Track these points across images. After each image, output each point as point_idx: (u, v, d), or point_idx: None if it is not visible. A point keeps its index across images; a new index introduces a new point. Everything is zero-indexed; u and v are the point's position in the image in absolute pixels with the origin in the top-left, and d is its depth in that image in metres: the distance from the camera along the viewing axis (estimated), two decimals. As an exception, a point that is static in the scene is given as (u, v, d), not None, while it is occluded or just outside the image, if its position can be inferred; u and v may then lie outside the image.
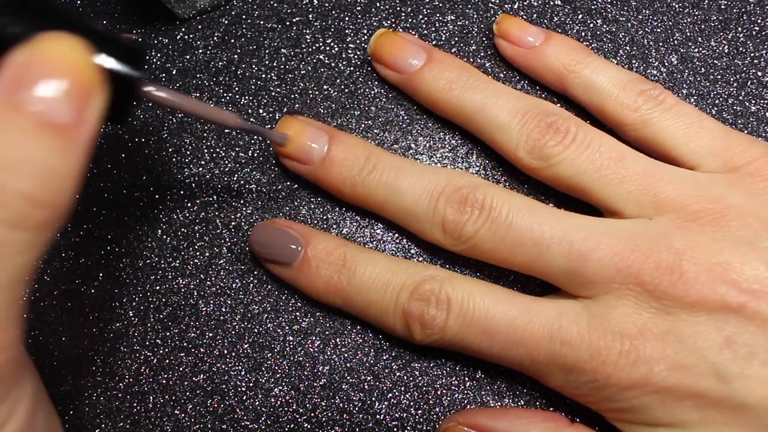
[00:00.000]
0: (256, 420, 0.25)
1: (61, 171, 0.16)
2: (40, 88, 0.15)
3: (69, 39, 0.16)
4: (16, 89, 0.15)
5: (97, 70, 0.16)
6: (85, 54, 0.16)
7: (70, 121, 0.16)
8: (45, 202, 0.15)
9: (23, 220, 0.15)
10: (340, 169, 0.25)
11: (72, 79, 0.16)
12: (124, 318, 0.26)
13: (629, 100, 0.25)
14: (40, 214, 0.15)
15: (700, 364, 0.20)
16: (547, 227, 0.22)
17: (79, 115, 0.16)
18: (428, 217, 0.24)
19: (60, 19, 0.17)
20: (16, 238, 0.15)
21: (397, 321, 0.23)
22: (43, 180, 0.15)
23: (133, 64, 0.18)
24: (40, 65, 0.15)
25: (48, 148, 0.15)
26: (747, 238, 0.21)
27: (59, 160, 0.15)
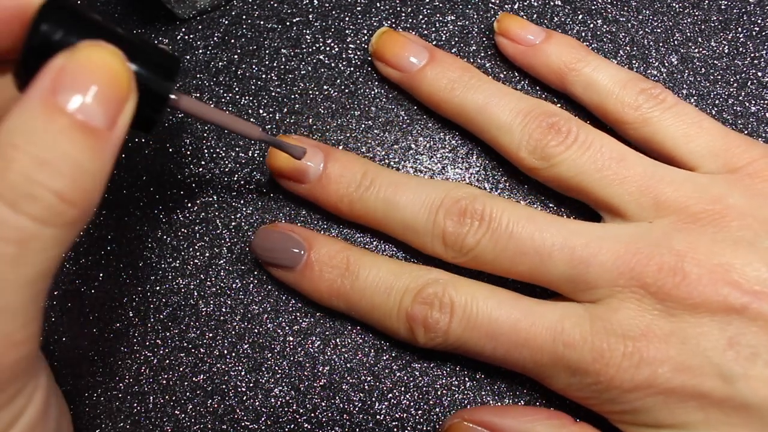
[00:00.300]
0: (256, 420, 0.25)
1: (92, 171, 0.16)
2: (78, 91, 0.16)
3: (107, 47, 0.17)
4: (56, 91, 0.16)
5: (132, 78, 0.17)
6: (121, 62, 0.17)
7: (103, 125, 0.16)
8: (75, 201, 0.16)
9: (54, 216, 0.15)
10: (337, 187, 0.25)
11: (108, 85, 0.16)
12: (124, 318, 0.26)
13: (630, 98, 0.25)
14: (69, 212, 0.16)
15: (704, 365, 0.20)
16: (548, 235, 0.22)
17: (112, 119, 0.16)
18: (428, 230, 0.23)
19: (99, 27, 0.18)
20: (46, 234, 0.15)
21: (400, 324, 0.23)
22: (75, 179, 0.16)
23: (165, 74, 0.19)
24: (80, 70, 0.16)
25: (81, 149, 0.16)
26: (747, 239, 0.21)
27: (91, 161, 0.16)
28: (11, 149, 0.15)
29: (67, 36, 0.17)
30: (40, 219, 0.15)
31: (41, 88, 0.16)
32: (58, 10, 0.17)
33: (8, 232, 0.15)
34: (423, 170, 0.27)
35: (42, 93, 0.16)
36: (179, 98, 0.20)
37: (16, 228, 0.15)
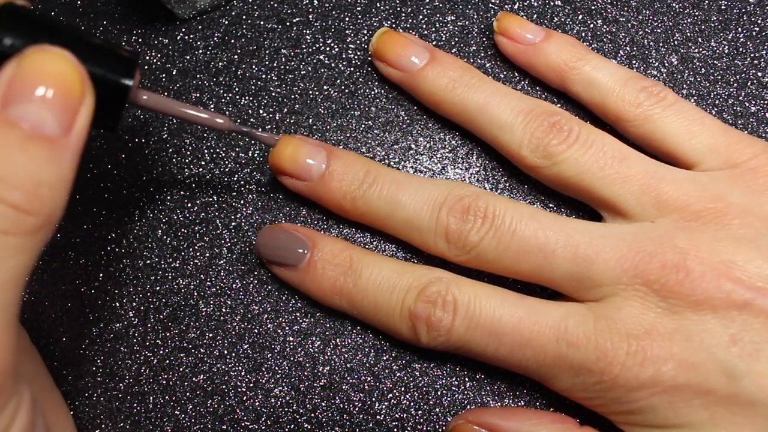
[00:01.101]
0: (256, 420, 0.25)
1: (50, 180, 0.16)
2: (28, 101, 0.16)
3: (55, 51, 0.16)
4: (6, 104, 0.16)
5: (84, 80, 0.17)
6: (71, 65, 0.17)
7: (58, 132, 0.16)
8: (34, 210, 0.16)
9: (12, 226, 0.15)
10: (339, 185, 0.25)
11: (59, 91, 0.16)
12: (124, 318, 0.26)
13: (631, 96, 0.25)
14: (29, 220, 0.16)
15: (708, 362, 0.20)
16: (551, 233, 0.22)
17: (67, 125, 0.16)
18: (431, 228, 0.23)
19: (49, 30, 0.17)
20: (8, 243, 0.16)
21: (403, 323, 0.23)
22: (31, 190, 0.16)
23: (122, 72, 0.19)
24: (28, 79, 0.16)
25: (37, 160, 0.16)
26: (749, 236, 0.21)
27: (48, 170, 0.16)
28: None
29: (18, 42, 0.16)
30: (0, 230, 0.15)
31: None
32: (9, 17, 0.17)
33: None
34: (423, 170, 0.27)
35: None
36: (139, 94, 0.20)
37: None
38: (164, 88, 0.28)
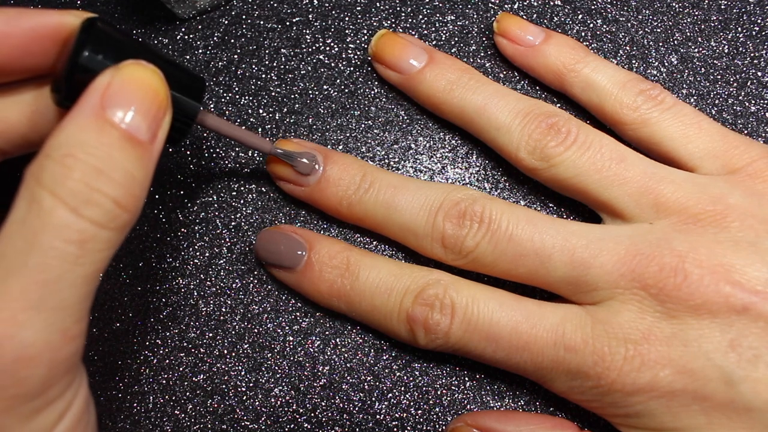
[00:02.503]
0: (256, 420, 0.25)
1: (140, 179, 0.18)
2: (125, 106, 0.17)
3: (149, 66, 0.18)
4: (105, 106, 0.17)
5: (169, 95, 0.19)
6: (161, 80, 0.18)
7: (147, 137, 0.18)
8: (128, 206, 0.17)
9: (110, 220, 0.17)
10: (336, 189, 0.25)
11: (150, 101, 0.18)
12: (124, 318, 0.26)
13: (629, 99, 0.25)
14: (123, 216, 0.17)
15: (706, 368, 0.20)
16: (548, 237, 0.22)
17: (153, 132, 0.18)
18: (427, 233, 0.23)
19: (138, 48, 0.19)
20: (102, 236, 0.17)
21: (401, 326, 0.23)
22: (127, 186, 0.17)
23: (194, 94, 0.21)
24: (125, 87, 0.17)
25: (131, 159, 0.17)
26: (748, 240, 0.21)
27: (139, 170, 0.18)
28: (70, 159, 0.16)
29: (109, 56, 0.18)
30: (98, 222, 0.17)
31: (91, 104, 0.17)
32: (100, 31, 0.18)
33: (70, 234, 0.16)
34: (423, 170, 0.27)
35: (92, 108, 0.17)
36: (205, 116, 0.22)
37: (77, 230, 0.16)
38: (164, 88, 0.28)
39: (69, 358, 0.17)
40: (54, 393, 0.17)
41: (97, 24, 0.18)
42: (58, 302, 0.16)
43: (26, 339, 0.16)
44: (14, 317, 0.16)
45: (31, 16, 0.19)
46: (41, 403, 0.17)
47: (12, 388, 0.16)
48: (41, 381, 0.16)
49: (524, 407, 0.25)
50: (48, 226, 0.16)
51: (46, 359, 0.16)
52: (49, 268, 0.16)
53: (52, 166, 0.16)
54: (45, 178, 0.16)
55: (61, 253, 0.16)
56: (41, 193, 0.16)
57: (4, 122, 0.21)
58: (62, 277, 0.16)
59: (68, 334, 0.17)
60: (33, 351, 0.16)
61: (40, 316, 0.16)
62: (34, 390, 0.16)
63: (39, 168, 0.16)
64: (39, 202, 0.16)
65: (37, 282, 0.16)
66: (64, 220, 0.16)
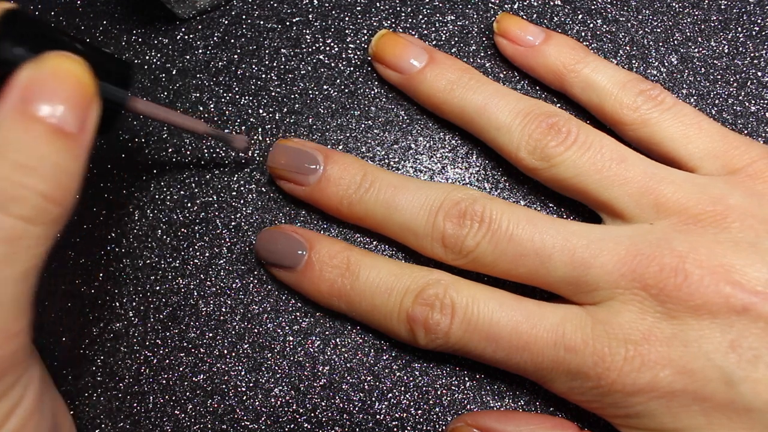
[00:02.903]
0: (256, 420, 0.25)
1: (70, 171, 0.18)
2: (49, 99, 0.17)
3: (71, 56, 0.18)
4: (28, 101, 0.17)
5: (95, 84, 0.18)
6: (85, 70, 0.18)
7: (75, 128, 0.18)
8: (58, 200, 0.17)
9: (40, 215, 0.17)
10: (336, 189, 0.25)
11: (76, 92, 0.18)
12: (124, 318, 0.26)
13: (629, 99, 0.25)
14: (54, 210, 0.17)
15: (706, 368, 0.20)
16: (548, 237, 0.22)
17: (81, 123, 0.18)
18: (427, 232, 0.23)
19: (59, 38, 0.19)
20: (33, 232, 0.17)
21: (401, 326, 0.23)
22: (56, 180, 0.17)
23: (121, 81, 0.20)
24: (48, 79, 0.17)
25: (59, 152, 0.17)
26: (748, 240, 0.21)
27: (69, 162, 0.17)
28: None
29: (30, 48, 0.18)
30: (28, 218, 0.16)
31: (13, 99, 0.17)
32: (18, 23, 0.18)
33: None
34: (423, 170, 0.27)
35: (15, 103, 0.17)
36: (135, 102, 0.22)
37: (5, 228, 0.16)
38: (164, 88, 0.28)
39: (12, 355, 0.17)
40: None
41: (14, 15, 0.18)
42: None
43: None
44: None
45: None
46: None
47: None
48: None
49: (524, 407, 0.25)
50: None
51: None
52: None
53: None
54: None
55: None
56: None
57: None
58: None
59: (9, 332, 0.17)
60: None
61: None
62: None
63: None
64: None
65: None
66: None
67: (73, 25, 0.29)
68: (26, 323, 0.18)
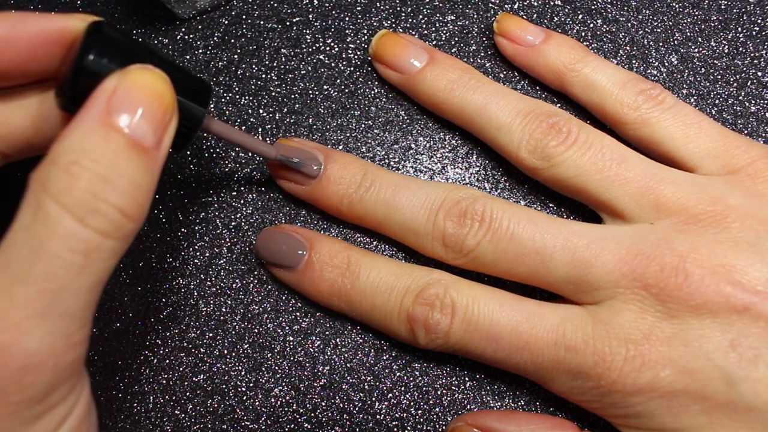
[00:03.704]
0: (256, 420, 0.25)
1: (145, 188, 0.17)
2: (130, 112, 0.17)
3: (155, 71, 0.18)
4: (111, 111, 0.17)
5: (175, 100, 0.18)
6: (167, 85, 0.18)
7: (152, 144, 0.17)
8: (133, 215, 0.17)
9: (116, 230, 0.17)
10: (337, 188, 0.25)
11: (157, 107, 0.17)
12: (124, 318, 0.26)
13: (629, 99, 0.25)
14: (128, 225, 0.17)
15: (707, 368, 0.20)
16: (549, 236, 0.22)
17: (159, 138, 0.18)
18: (428, 231, 0.23)
19: (144, 52, 0.19)
20: (107, 246, 0.17)
21: (401, 326, 0.23)
22: (133, 195, 0.17)
23: (200, 99, 0.20)
24: (132, 92, 0.17)
25: (136, 167, 0.17)
26: (749, 240, 0.21)
27: (144, 178, 0.17)
28: (75, 167, 0.16)
29: (115, 60, 0.18)
30: (104, 232, 0.16)
31: (97, 109, 0.17)
32: (105, 35, 0.18)
33: (76, 243, 0.16)
34: (423, 170, 0.27)
35: (98, 113, 0.17)
36: (210, 122, 0.22)
37: (82, 240, 0.16)
38: (164, 88, 0.28)
39: (72, 364, 0.17)
40: (56, 397, 0.17)
41: (102, 28, 0.18)
42: (62, 310, 0.16)
43: (31, 346, 0.16)
44: (19, 325, 0.16)
45: (35, 21, 0.19)
46: (44, 408, 0.17)
47: (16, 394, 0.16)
48: (45, 387, 0.16)
49: (524, 407, 0.25)
50: (54, 235, 0.16)
51: (50, 366, 0.16)
52: (54, 277, 0.16)
53: (58, 173, 0.16)
54: (51, 185, 0.16)
55: (66, 262, 0.16)
56: (47, 201, 0.16)
57: (8, 126, 0.20)
58: (67, 286, 0.16)
59: (72, 341, 0.17)
60: (37, 358, 0.16)
61: (45, 323, 0.16)
62: (37, 395, 0.16)
63: (45, 175, 0.16)
64: (45, 211, 0.16)
65: (42, 290, 0.16)
66: (69, 229, 0.16)
67: (73, 25, 0.29)
68: (88, 334, 0.18)
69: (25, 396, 0.16)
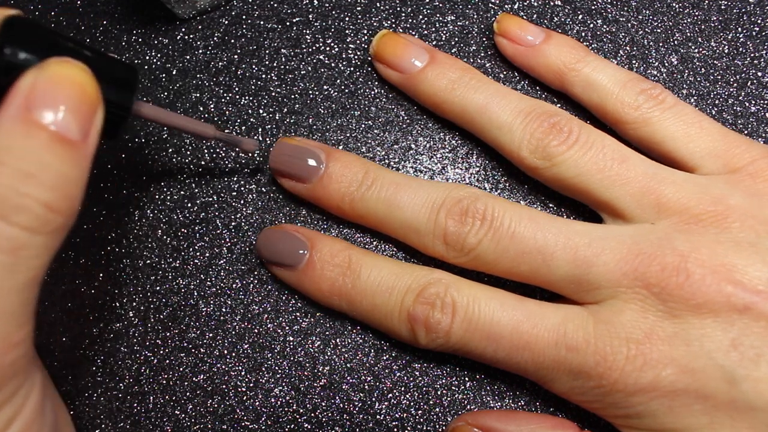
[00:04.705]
0: (257, 420, 0.25)
1: (74, 180, 0.17)
2: (52, 106, 0.17)
3: (74, 62, 0.18)
4: (31, 107, 0.17)
5: (98, 90, 0.18)
6: (88, 76, 0.18)
7: (78, 136, 0.17)
8: (61, 209, 0.17)
9: (43, 225, 0.16)
10: (338, 186, 0.25)
11: (79, 99, 0.17)
12: (124, 318, 0.26)
13: (630, 98, 0.25)
14: (57, 220, 0.17)
15: (708, 367, 0.20)
16: (551, 235, 0.22)
17: (85, 130, 0.17)
18: (429, 230, 0.23)
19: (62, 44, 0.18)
20: (36, 242, 0.16)
21: (401, 325, 0.23)
22: (59, 189, 0.17)
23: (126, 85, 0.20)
24: (52, 86, 0.17)
25: (63, 160, 0.17)
26: (749, 240, 0.21)
27: (72, 170, 0.17)
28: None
29: (32, 54, 0.17)
30: (30, 228, 0.16)
31: (16, 106, 0.16)
32: (20, 29, 0.18)
33: (2, 242, 0.16)
34: (423, 170, 0.27)
35: (18, 110, 0.16)
36: (140, 106, 0.21)
37: (8, 238, 0.16)
38: (164, 88, 0.28)
39: (13, 364, 0.17)
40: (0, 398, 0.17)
41: (16, 21, 0.18)
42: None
43: None
44: None
45: None
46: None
47: None
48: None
49: (524, 407, 0.25)
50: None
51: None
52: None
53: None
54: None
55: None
56: None
57: None
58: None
59: (10, 341, 0.17)
60: None
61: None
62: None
63: None
64: None
65: None
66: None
67: (73, 25, 0.29)
68: (28, 332, 0.17)
69: None
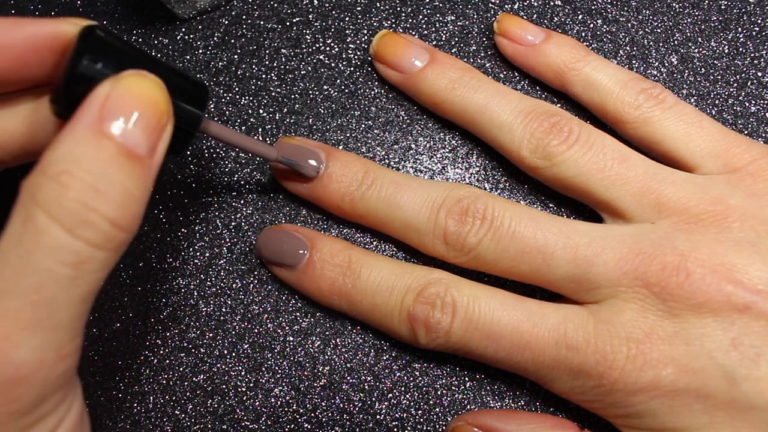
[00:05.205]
0: (257, 420, 0.25)
1: (137, 197, 0.17)
2: (123, 119, 0.17)
3: (149, 76, 0.17)
4: (103, 119, 0.16)
5: (170, 106, 0.18)
6: (162, 91, 0.18)
7: (146, 152, 0.17)
8: (125, 226, 0.17)
9: (107, 241, 0.16)
10: (338, 186, 0.25)
11: (150, 114, 0.17)
12: (124, 318, 0.26)
13: (630, 98, 0.25)
14: (120, 236, 0.17)
15: (708, 367, 0.20)
16: (551, 234, 0.22)
17: (153, 146, 0.17)
18: (429, 230, 0.23)
19: (138, 56, 0.18)
20: (98, 257, 0.16)
21: (402, 325, 0.23)
22: (125, 205, 0.16)
23: (197, 103, 0.20)
24: (125, 99, 0.17)
25: (129, 176, 0.17)
26: (749, 240, 0.21)
27: (137, 187, 0.17)
28: (65, 176, 0.16)
29: (108, 65, 0.17)
30: (94, 243, 0.16)
31: (89, 116, 0.16)
32: (98, 39, 0.18)
33: (66, 255, 0.16)
34: (423, 170, 0.27)
35: (90, 120, 0.16)
36: (208, 125, 0.21)
37: (72, 252, 0.16)
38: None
39: (62, 375, 0.17)
40: (46, 409, 0.17)
41: (95, 32, 0.18)
42: (52, 322, 0.16)
43: (20, 359, 0.16)
44: (8, 337, 0.15)
45: (27, 26, 0.18)
46: (33, 419, 0.17)
47: (4, 406, 0.16)
48: (34, 399, 0.16)
49: (524, 407, 0.25)
50: (43, 246, 0.15)
51: (40, 378, 0.16)
52: (44, 289, 0.15)
53: (48, 183, 0.16)
54: (40, 195, 0.16)
55: (56, 274, 0.16)
56: (36, 211, 0.15)
57: (3, 133, 0.20)
58: (57, 298, 0.16)
59: (62, 353, 0.17)
60: (27, 370, 0.16)
61: (35, 335, 0.16)
62: (26, 407, 0.16)
63: (35, 184, 0.16)
64: (34, 221, 0.15)
65: (31, 302, 0.15)
66: (59, 241, 0.15)
67: (73, 25, 0.29)
68: (78, 345, 0.17)
69: (12, 408, 0.16)
